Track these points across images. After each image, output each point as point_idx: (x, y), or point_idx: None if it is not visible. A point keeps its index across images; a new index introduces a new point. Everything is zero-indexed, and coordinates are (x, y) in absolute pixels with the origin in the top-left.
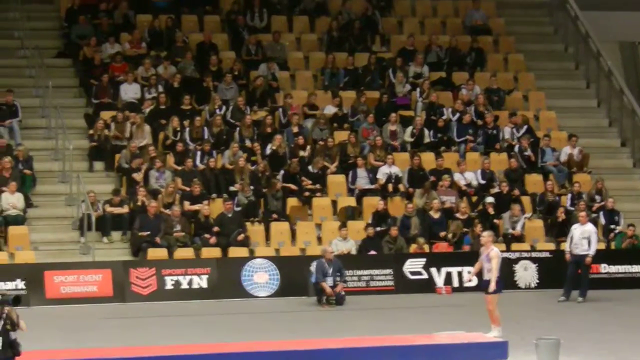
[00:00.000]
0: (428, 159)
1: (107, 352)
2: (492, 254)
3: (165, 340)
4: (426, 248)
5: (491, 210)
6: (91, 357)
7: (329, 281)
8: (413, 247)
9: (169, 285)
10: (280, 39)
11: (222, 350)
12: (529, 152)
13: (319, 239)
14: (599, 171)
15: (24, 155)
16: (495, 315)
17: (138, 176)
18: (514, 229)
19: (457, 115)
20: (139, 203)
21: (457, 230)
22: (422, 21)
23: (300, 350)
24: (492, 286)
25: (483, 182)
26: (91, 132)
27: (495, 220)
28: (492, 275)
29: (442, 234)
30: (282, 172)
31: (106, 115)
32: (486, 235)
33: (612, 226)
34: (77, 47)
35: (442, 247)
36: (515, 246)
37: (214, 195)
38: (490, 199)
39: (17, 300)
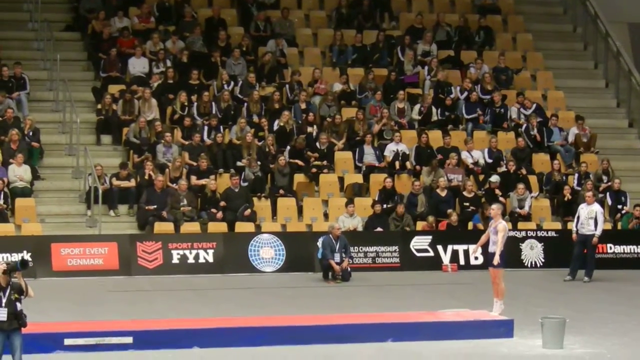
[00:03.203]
0: (435, 137)
1: (113, 324)
2: (500, 227)
3: (171, 314)
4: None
5: (497, 190)
6: (97, 329)
7: (336, 257)
8: (422, 225)
9: (175, 260)
10: (289, 15)
11: (228, 325)
12: (534, 132)
13: (326, 215)
14: (606, 152)
15: (32, 127)
16: (500, 288)
17: None
18: (521, 207)
19: (465, 93)
20: (146, 177)
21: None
22: None
23: (305, 325)
24: (497, 258)
25: (490, 161)
26: (99, 106)
27: (502, 199)
28: (496, 248)
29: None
30: (288, 148)
31: (114, 89)
32: (495, 208)
33: (619, 207)
34: (86, 21)
35: (446, 225)
36: (521, 225)
37: (220, 170)
38: (494, 178)
39: (24, 264)
